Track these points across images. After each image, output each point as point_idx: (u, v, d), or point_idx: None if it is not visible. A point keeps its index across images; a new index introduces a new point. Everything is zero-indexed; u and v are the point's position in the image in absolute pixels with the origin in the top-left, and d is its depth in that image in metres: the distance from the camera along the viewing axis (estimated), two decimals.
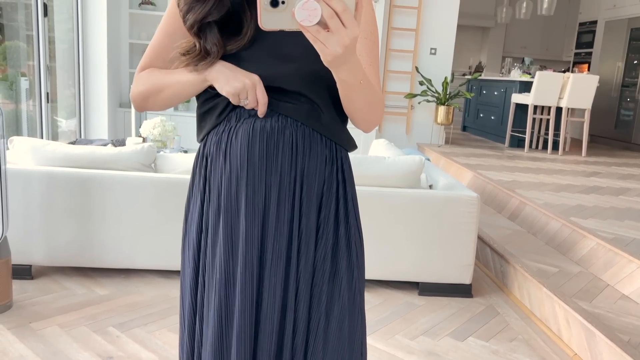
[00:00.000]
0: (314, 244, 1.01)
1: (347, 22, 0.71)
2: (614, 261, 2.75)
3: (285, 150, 0.97)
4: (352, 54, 0.77)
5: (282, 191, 0.97)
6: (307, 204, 0.99)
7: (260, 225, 0.98)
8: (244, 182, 0.97)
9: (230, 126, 0.99)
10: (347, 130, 1.05)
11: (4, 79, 4.38)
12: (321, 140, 1.00)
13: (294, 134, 0.97)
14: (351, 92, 0.88)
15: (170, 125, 3.82)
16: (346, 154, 1.06)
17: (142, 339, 2.23)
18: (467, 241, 2.79)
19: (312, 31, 0.72)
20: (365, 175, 2.72)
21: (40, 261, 2.73)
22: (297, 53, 0.93)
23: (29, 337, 2.19)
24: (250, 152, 0.96)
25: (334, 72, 0.82)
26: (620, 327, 2.25)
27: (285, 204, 0.98)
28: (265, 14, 0.72)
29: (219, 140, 1.00)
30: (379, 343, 2.33)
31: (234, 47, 0.94)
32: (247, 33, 0.94)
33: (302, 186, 0.98)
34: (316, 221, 1.00)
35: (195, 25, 0.94)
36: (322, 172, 1.00)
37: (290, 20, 0.72)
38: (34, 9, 4.33)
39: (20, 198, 2.63)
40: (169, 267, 2.75)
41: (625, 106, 7.45)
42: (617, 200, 4.00)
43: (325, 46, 0.73)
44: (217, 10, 0.93)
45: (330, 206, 1.01)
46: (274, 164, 0.97)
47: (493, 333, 2.49)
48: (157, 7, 5.73)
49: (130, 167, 2.71)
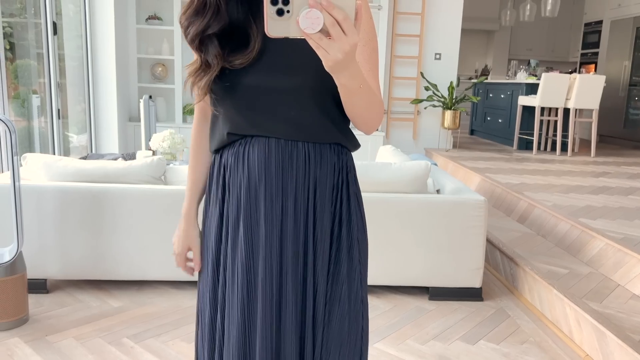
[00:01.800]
0: (329, 246, 1.07)
1: (348, 30, 0.75)
2: (623, 261, 2.75)
3: (300, 161, 1.04)
4: (352, 60, 0.81)
5: (297, 198, 1.05)
6: (321, 209, 1.06)
7: (279, 230, 1.05)
8: (262, 191, 1.04)
9: (247, 140, 1.06)
10: (350, 130, 1.10)
11: (16, 96, 4.46)
12: (330, 148, 1.06)
13: (306, 145, 1.05)
14: (352, 96, 0.92)
15: (179, 138, 3.87)
16: (350, 155, 1.12)
17: (156, 350, 2.27)
18: (476, 245, 2.80)
19: (315, 38, 0.76)
20: (372, 181, 2.74)
21: (55, 275, 2.78)
22: (302, 65, 0.98)
23: (45, 350, 2.23)
24: (268, 163, 1.04)
25: (335, 77, 0.86)
26: (631, 327, 2.25)
27: (301, 209, 1.05)
28: (272, 22, 0.76)
29: (236, 152, 1.06)
30: (390, 348, 2.34)
31: (244, 61, 0.99)
32: (255, 47, 0.99)
33: (315, 193, 1.06)
34: (330, 224, 1.07)
35: (197, 39, 1.00)
36: (331, 179, 1.07)
37: (295, 28, 0.76)
38: (43, 28, 4.42)
39: (34, 213, 2.69)
40: (181, 278, 2.79)
41: (633, 105, 7.42)
42: (626, 200, 3.99)
43: (327, 52, 0.77)
44: (216, 22, 0.99)
45: (340, 209, 1.08)
46: (289, 174, 1.04)
47: (504, 336, 2.50)
48: (163, 21, 5.81)
49: (140, 180, 2.75)
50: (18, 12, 4.54)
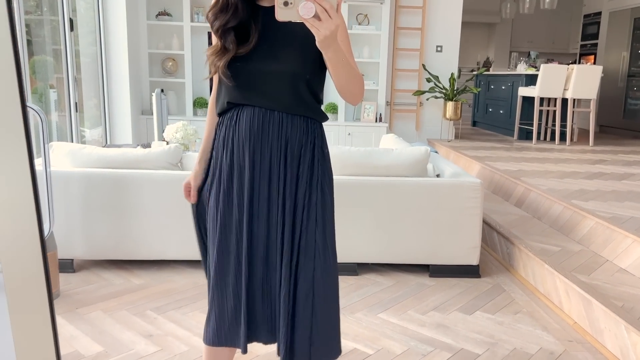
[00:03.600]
0: (295, 186, 1.45)
1: (332, 15, 1.13)
2: (611, 238, 2.93)
3: (275, 125, 1.42)
4: (335, 39, 1.17)
5: (273, 152, 1.43)
6: (290, 161, 1.44)
7: (259, 171, 1.43)
8: (247, 146, 1.42)
9: (239, 107, 1.44)
10: (320, 109, 1.48)
11: (34, 91, 4.67)
12: (299, 118, 1.44)
13: (280, 114, 1.42)
14: (337, 67, 1.28)
15: (191, 129, 4.07)
16: (318, 124, 1.49)
17: (178, 320, 2.47)
18: (473, 224, 2.99)
19: (310, 21, 1.12)
20: (374, 165, 2.93)
21: (81, 255, 2.99)
22: (285, 57, 1.37)
23: (77, 321, 2.44)
24: (251, 125, 1.42)
25: (324, 52, 1.21)
26: (615, 295, 2.44)
27: (276, 158, 1.43)
28: (279, 10, 1.12)
29: (231, 116, 1.45)
30: (392, 318, 2.54)
31: (245, 50, 1.37)
32: (252, 41, 1.37)
33: (286, 147, 1.43)
34: (296, 172, 1.45)
35: (220, 29, 1.38)
36: (300, 139, 1.44)
37: (296, 15, 1.12)
38: (60, 24, 4.61)
39: (62, 198, 2.89)
40: (197, 257, 2.98)
41: (632, 95, 7.56)
42: (619, 184, 4.16)
43: (319, 30, 1.13)
44: (233, 18, 1.37)
45: (305, 161, 1.45)
46: (267, 134, 1.42)
47: (499, 307, 2.69)
48: (173, 17, 6.00)
49: (159, 166, 2.95)
50: (33, 9, 4.74)
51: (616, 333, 2.19)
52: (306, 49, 1.34)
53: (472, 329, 2.45)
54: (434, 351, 2.25)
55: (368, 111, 6.25)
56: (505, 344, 2.32)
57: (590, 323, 2.38)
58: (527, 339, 2.37)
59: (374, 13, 6.23)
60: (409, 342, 2.32)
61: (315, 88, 1.43)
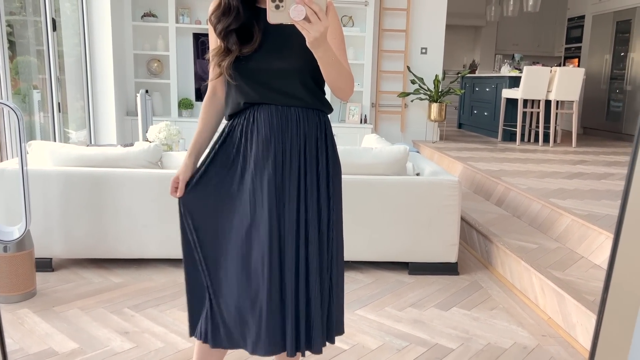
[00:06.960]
0: (317, 181, 1.50)
1: (322, 17, 1.18)
2: (586, 235, 2.97)
3: (294, 122, 1.47)
4: (324, 39, 1.23)
5: (293, 147, 1.47)
6: (310, 155, 1.49)
7: (281, 170, 1.47)
8: (272, 144, 1.46)
9: (255, 107, 1.48)
10: (326, 98, 1.52)
11: (17, 92, 4.65)
12: (313, 112, 1.50)
13: (297, 110, 1.48)
14: (327, 66, 1.33)
15: (175, 129, 4.07)
16: (327, 117, 1.55)
17: (155, 317, 2.48)
18: (451, 222, 3.02)
19: (300, 23, 1.17)
20: (354, 164, 2.96)
21: (59, 254, 2.98)
22: (289, 54, 1.41)
23: (53, 319, 2.44)
24: (271, 123, 1.46)
25: (315, 52, 1.26)
26: (587, 291, 2.47)
27: (296, 155, 1.48)
28: (271, 13, 1.15)
29: (248, 117, 1.49)
30: (369, 314, 2.56)
31: (249, 50, 1.41)
32: (257, 40, 1.42)
33: (305, 143, 1.48)
34: (316, 167, 1.50)
35: (223, 32, 1.44)
36: (315, 134, 1.50)
37: (287, 17, 1.16)
38: (43, 25, 4.61)
39: (40, 196, 2.89)
40: (177, 256, 2.99)
41: (614, 97, 7.66)
42: (598, 183, 4.22)
43: (309, 32, 1.18)
44: (235, 21, 1.43)
45: (323, 156, 1.51)
46: (287, 131, 1.47)
47: (475, 303, 2.72)
48: (158, 18, 6.01)
49: (138, 164, 2.96)
50: (17, 10, 4.73)
51: (587, 327, 2.22)
52: (306, 45, 1.36)
53: (448, 324, 2.48)
54: (408, 346, 2.27)
55: (353, 112, 6.28)
56: (479, 339, 2.34)
57: (563, 318, 2.41)
58: (502, 334, 2.40)
59: (359, 15, 6.27)
60: (384, 337, 2.34)
61: (320, 80, 1.47)
